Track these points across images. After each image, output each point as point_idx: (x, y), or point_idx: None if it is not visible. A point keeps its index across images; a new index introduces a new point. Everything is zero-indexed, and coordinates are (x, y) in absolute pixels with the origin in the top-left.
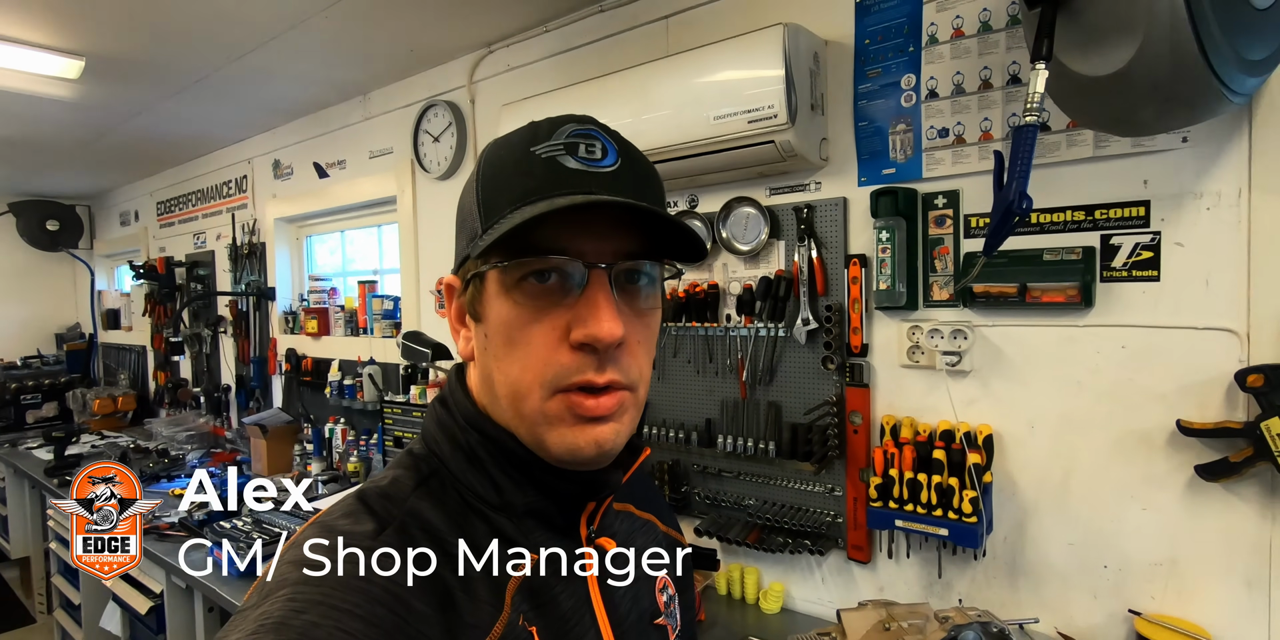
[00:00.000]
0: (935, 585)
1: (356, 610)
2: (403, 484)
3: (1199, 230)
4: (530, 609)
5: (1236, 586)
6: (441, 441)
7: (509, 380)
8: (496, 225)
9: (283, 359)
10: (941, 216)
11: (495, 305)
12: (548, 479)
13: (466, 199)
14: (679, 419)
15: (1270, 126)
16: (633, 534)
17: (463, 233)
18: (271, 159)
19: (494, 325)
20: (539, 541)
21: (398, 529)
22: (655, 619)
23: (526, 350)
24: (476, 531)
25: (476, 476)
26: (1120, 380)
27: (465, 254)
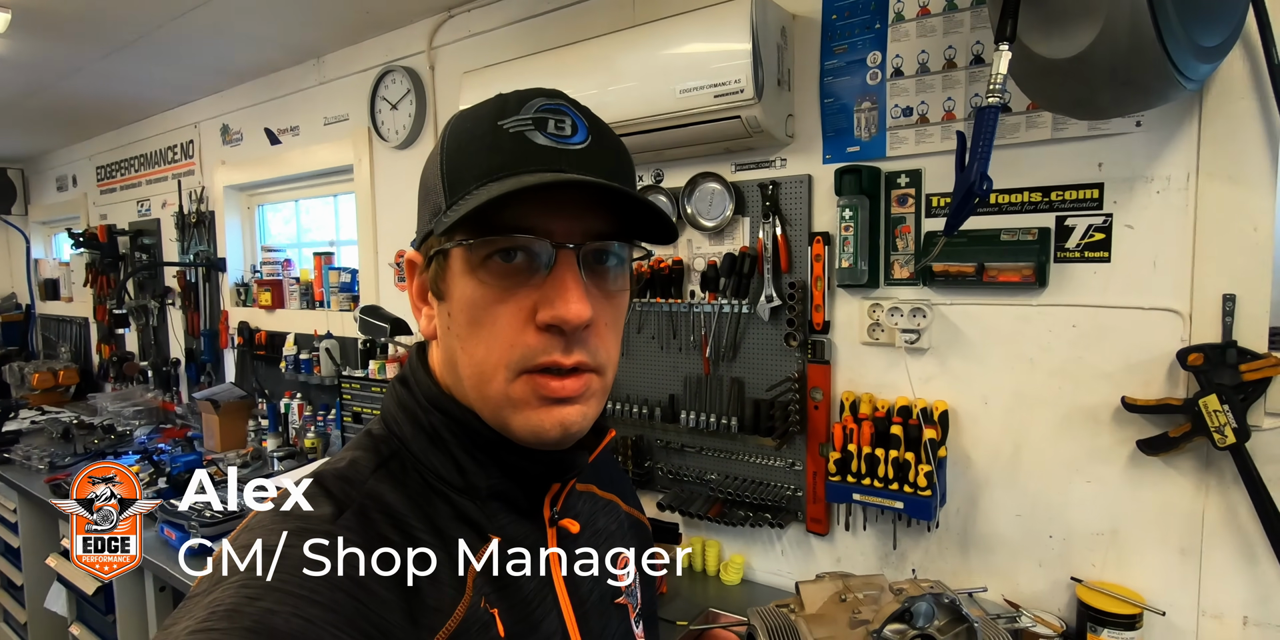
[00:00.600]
0: (890, 556)
1: (315, 596)
2: (361, 466)
3: (1149, 213)
4: (493, 591)
5: (1171, 554)
6: (402, 422)
7: (473, 361)
8: (462, 202)
9: (235, 332)
10: (904, 195)
11: (460, 284)
12: (513, 460)
13: (429, 172)
14: (642, 395)
15: (1218, 114)
16: (595, 514)
17: (425, 207)
18: (219, 123)
19: (458, 304)
20: (503, 523)
21: (357, 512)
22: (616, 598)
23: (492, 331)
24: (439, 514)
25: (439, 458)
26: (1070, 358)
27: (428, 230)
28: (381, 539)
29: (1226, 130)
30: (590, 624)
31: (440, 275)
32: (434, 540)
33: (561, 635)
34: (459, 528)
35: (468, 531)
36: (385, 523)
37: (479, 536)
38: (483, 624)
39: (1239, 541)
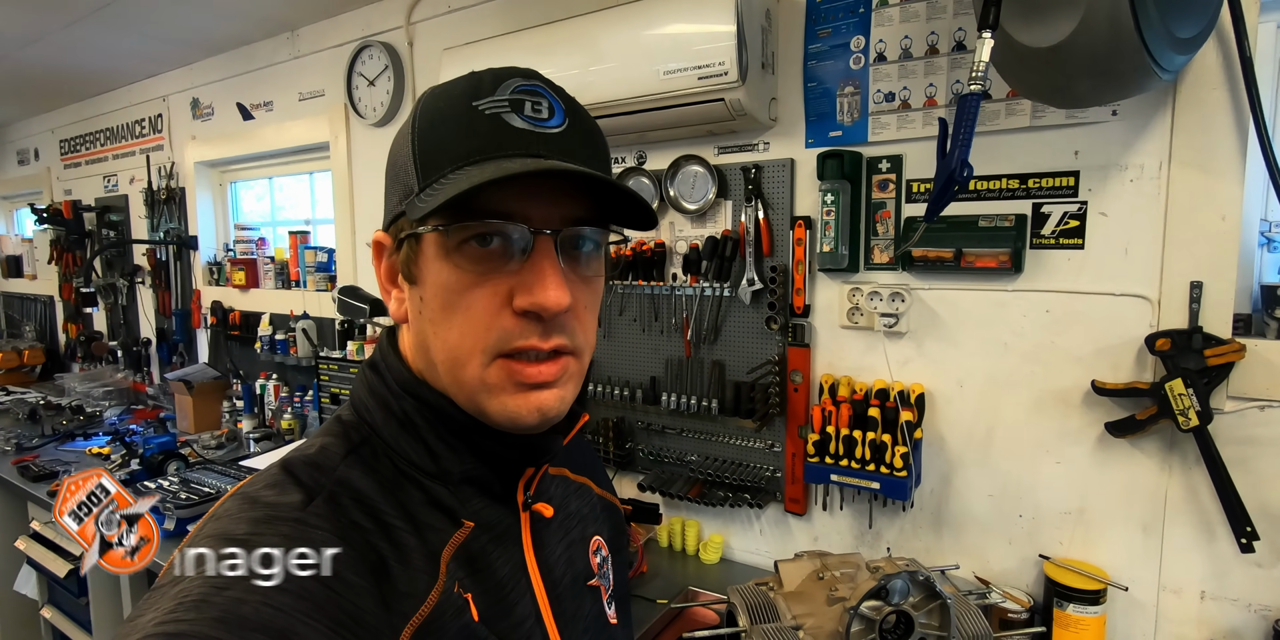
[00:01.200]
0: (866, 535)
1: (285, 584)
2: (332, 452)
3: (1122, 201)
4: (466, 576)
5: (1134, 532)
6: (373, 408)
7: (447, 346)
8: (436, 186)
9: (208, 312)
10: (885, 181)
11: (433, 268)
12: (487, 444)
13: (399, 151)
14: (624, 377)
15: (1191, 104)
16: (568, 498)
17: (394, 187)
18: (189, 97)
19: (431, 288)
20: (476, 508)
21: (327, 499)
22: (589, 581)
23: (466, 315)
24: (411, 499)
25: (411, 444)
26: (1043, 343)
27: (398, 212)
28: (353, 526)
29: (1198, 120)
30: (564, 606)
31: (412, 259)
32: (407, 526)
33: (535, 618)
34: (431, 513)
35: (440, 517)
36: (356, 509)
37: (452, 521)
38: (456, 608)
39: (1198, 520)
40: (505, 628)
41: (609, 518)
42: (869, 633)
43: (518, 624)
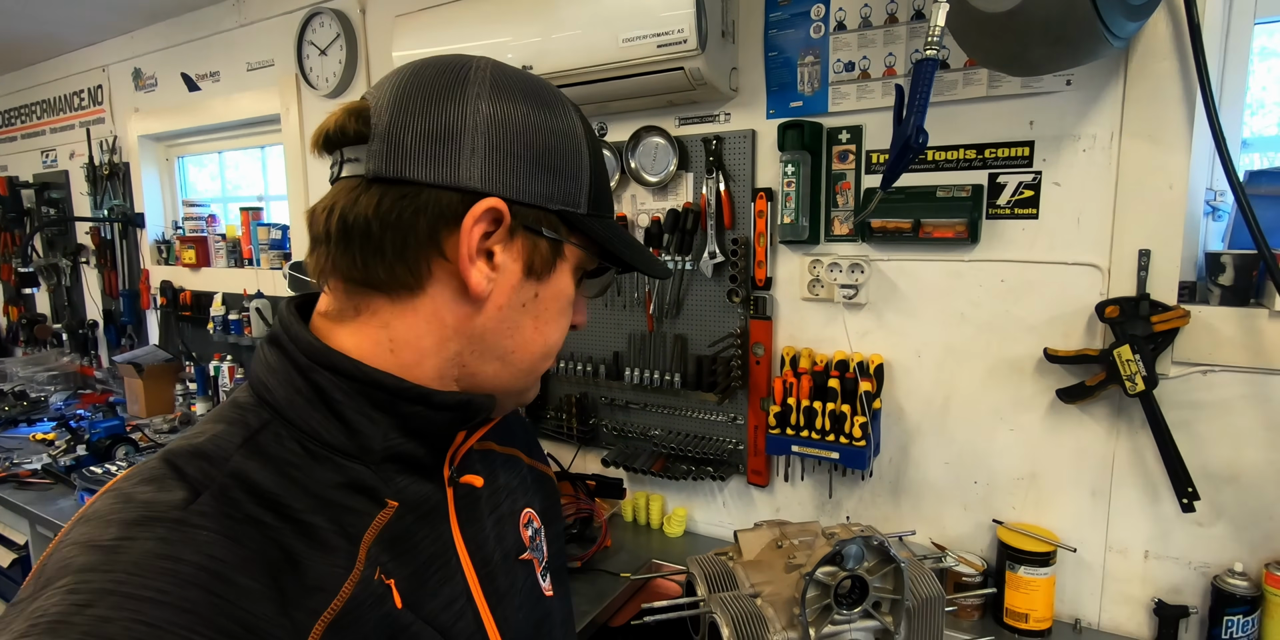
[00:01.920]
0: (827, 505)
1: (161, 597)
2: (225, 441)
3: (1075, 171)
4: (390, 559)
5: (1083, 496)
6: (275, 387)
7: (547, 341)
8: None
9: (157, 292)
10: (845, 152)
11: (563, 278)
12: (416, 410)
13: (564, 147)
14: (587, 352)
15: (1142, 75)
16: (495, 471)
17: (551, 177)
18: (131, 67)
19: (554, 291)
20: (400, 486)
21: (216, 495)
22: (520, 554)
23: (566, 321)
24: (323, 483)
25: (323, 421)
26: (998, 312)
27: (547, 205)
28: (249, 522)
29: (1149, 90)
30: (496, 583)
31: (547, 258)
32: (319, 514)
33: (466, 598)
34: (350, 496)
35: (361, 499)
36: (253, 503)
37: (374, 502)
38: (376, 597)
39: (1144, 482)
40: (433, 610)
41: (540, 488)
42: (824, 598)
43: (447, 605)
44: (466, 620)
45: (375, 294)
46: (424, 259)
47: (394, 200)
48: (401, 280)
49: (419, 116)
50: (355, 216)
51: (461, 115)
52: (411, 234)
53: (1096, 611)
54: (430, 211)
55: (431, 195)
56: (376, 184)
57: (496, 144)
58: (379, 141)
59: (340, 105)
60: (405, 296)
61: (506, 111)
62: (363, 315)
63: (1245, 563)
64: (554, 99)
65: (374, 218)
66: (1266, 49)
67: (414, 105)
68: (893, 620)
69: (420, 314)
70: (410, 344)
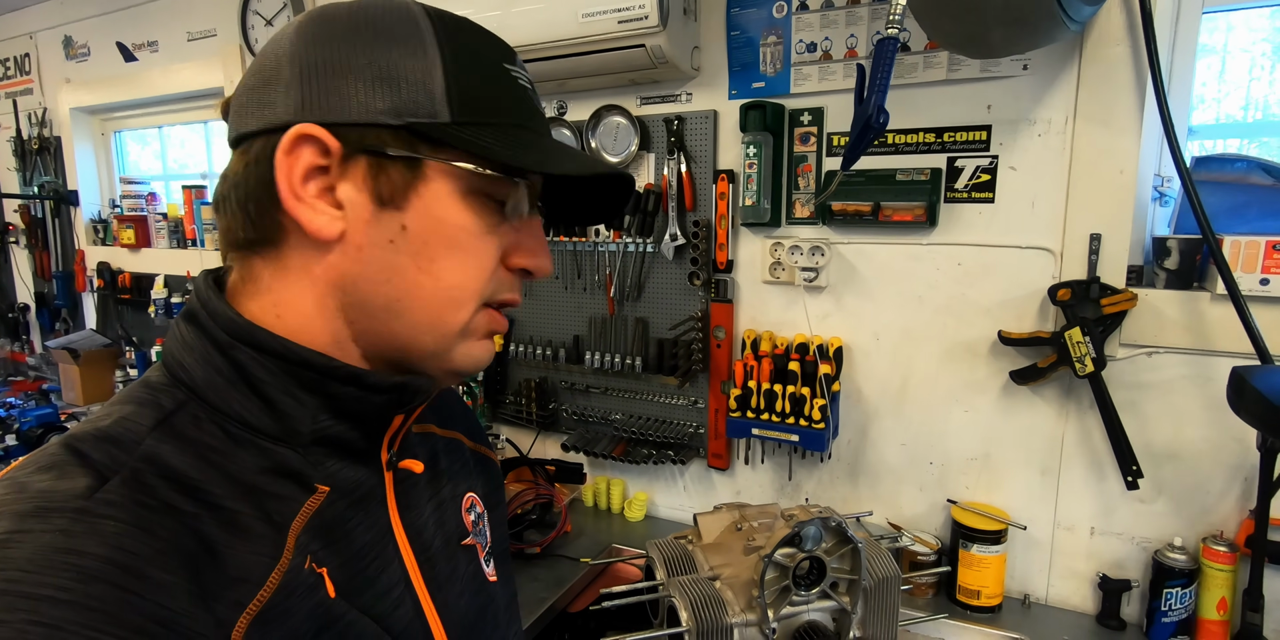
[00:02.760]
0: (786, 487)
1: (61, 595)
2: (134, 423)
3: (1030, 155)
4: (322, 547)
5: (1033, 475)
6: (192, 365)
7: (439, 283)
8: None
9: (94, 274)
10: (806, 134)
11: (446, 204)
12: (349, 391)
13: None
14: (546, 336)
15: (1096, 60)
16: (436, 455)
17: (377, 89)
18: (61, 34)
19: (430, 221)
20: (331, 470)
21: (127, 481)
22: (463, 540)
23: (477, 260)
24: (246, 469)
25: (245, 402)
26: (954, 295)
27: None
28: (163, 510)
29: (1102, 75)
30: (436, 569)
31: (399, 182)
32: (241, 500)
33: (404, 585)
34: (275, 481)
35: (287, 484)
36: (169, 489)
37: (303, 488)
38: (307, 587)
39: (1091, 461)
40: (369, 599)
41: (482, 472)
42: (783, 579)
43: (384, 593)
44: (405, 608)
45: (251, 256)
46: (266, 212)
47: (234, 160)
48: (260, 237)
49: (248, 73)
50: (219, 185)
51: (276, 52)
52: (248, 189)
53: (1045, 587)
54: (257, 161)
55: (255, 143)
56: (233, 151)
57: (306, 66)
58: (230, 111)
59: None
60: (272, 253)
61: (315, 29)
62: (249, 283)
63: (1184, 537)
64: (387, 6)
65: (225, 183)
66: (1205, 46)
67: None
68: (850, 600)
69: (290, 270)
70: (291, 305)
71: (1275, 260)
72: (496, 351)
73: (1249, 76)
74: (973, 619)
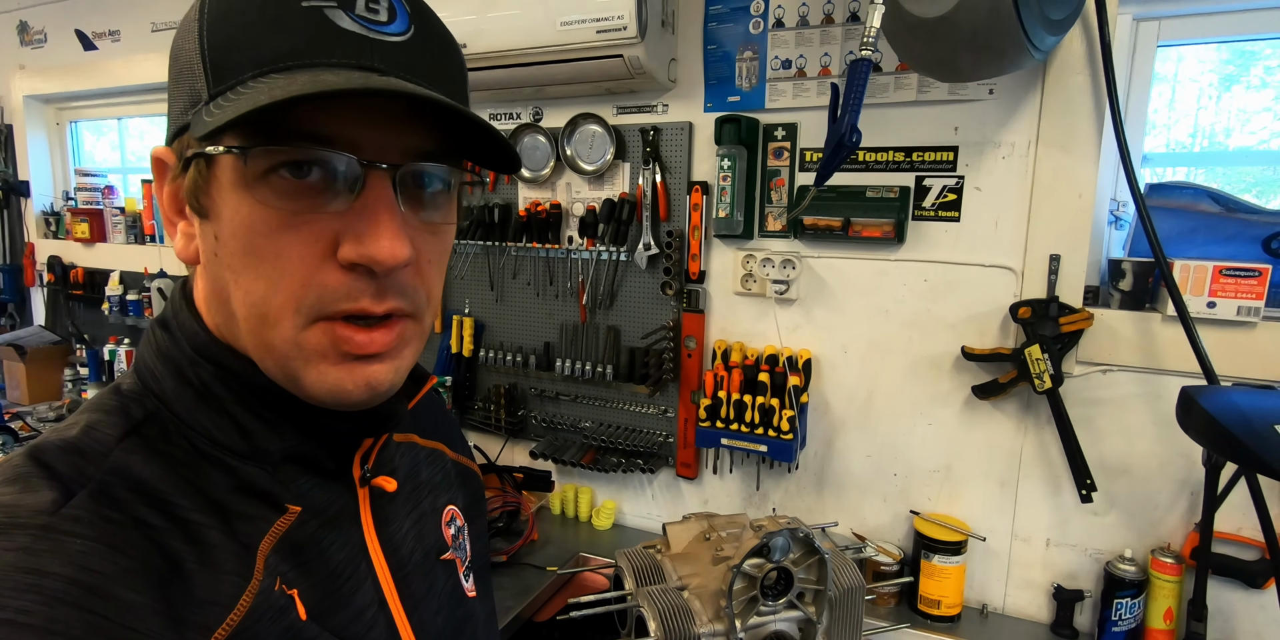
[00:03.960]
0: (754, 497)
1: (22, 618)
2: (102, 433)
3: (995, 177)
4: (292, 569)
5: (993, 487)
6: (163, 375)
7: (252, 300)
8: (232, 94)
9: (44, 268)
10: (780, 148)
11: (231, 201)
12: (312, 416)
13: (184, 45)
14: (517, 342)
15: (1058, 87)
16: (418, 467)
17: (178, 91)
18: (15, 19)
19: (230, 226)
20: (302, 490)
21: (94, 495)
22: (442, 554)
23: (277, 265)
24: (215, 486)
25: (213, 418)
26: (920, 310)
27: (182, 123)
28: (133, 525)
29: (1063, 102)
30: (412, 587)
31: (202, 185)
32: (210, 519)
33: (378, 605)
34: (244, 501)
35: (257, 504)
36: (138, 504)
37: (273, 508)
38: (277, 610)
39: (1047, 474)
40: (342, 621)
41: (464, 484)
42: (751, 590)
43: (357, 615)
44: (379, 630)
45: (191, 268)
46: (169, 226)
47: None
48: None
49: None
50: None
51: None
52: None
53: (1002, 597)
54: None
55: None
56: None
57: (170, 68)
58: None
59: None
60: (194, 268)
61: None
62: (196, 292)
63: (1134, 549)
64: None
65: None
66: (1157, 75)
67: None
68: (815, 610)
69: (201, 285)
70: (209, 315)
71: (1222, 284)
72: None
73: (1197, 105)
74: (933, 628)
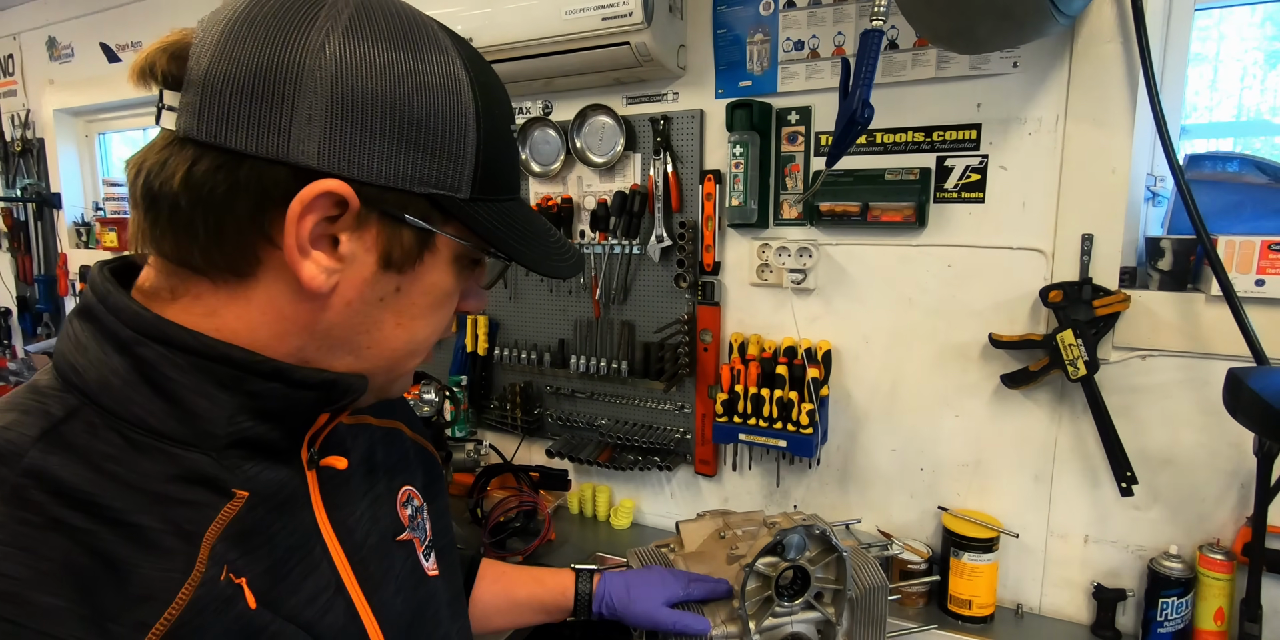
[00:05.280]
0: (774, 494)
1: None
2: (17, 433)
3: (1021, 155)
4: (240, 557)
5: (1026, 481)
6: (85, 367)
7: (413, 338)
8: (496, 206)
9: (76, 277)
10: (794, 133)
11: (439, 270)
12: (272, 388)
13: (439, 110)
14: (531, 340)
15: (1087, 57)
16: (373, 448)
17: (410, 148)
18: (45, 35)
19: (423, 285)
20: (250, 474)
21: (7, 499)
22: (398, 535)
23: (442, 316)
24: (151, 477)
25: (149, 404)
26: (945, 297)
27: (428, 191)
28: (52, 527)
29: (1093, 73)
30: (369, 569)
31: (409, 246)
32: (146, 512)
33: (335, 588)
34: (185, 489)
35: (200, 491)
36: (57, 505)
37: (219, 494)
38: (223, 600)
39: (1084, 466)
40: (295, 606)
41: (421, 462)
42: (765, 590)
43: (311, 599)
44: (336, 613)
45: (196, 276)
46: (247, 246)
47: (207, 170)
48: (221, 266)
49: (245, 63)
50: (162, 183)
51: (299, 66)
52: (228, 215)
53: (1038, 596)
54: (252, 190)
55: (254, 169)
56: (190, 145)
57: (343, 107)
58: (193, 92)
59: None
60: (233, 283)
61: (359, 63)
62: (182, 299)
63: (1180, 545)
64: (431, 45)
65: (182, 190)
66: (1197, 54)
67: (242, 47)
68: (835, 611)
69: (254, 304)
70: (241, 335)
71: (1271, 260)
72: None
73: (1241, 85)
74: (964, 630)
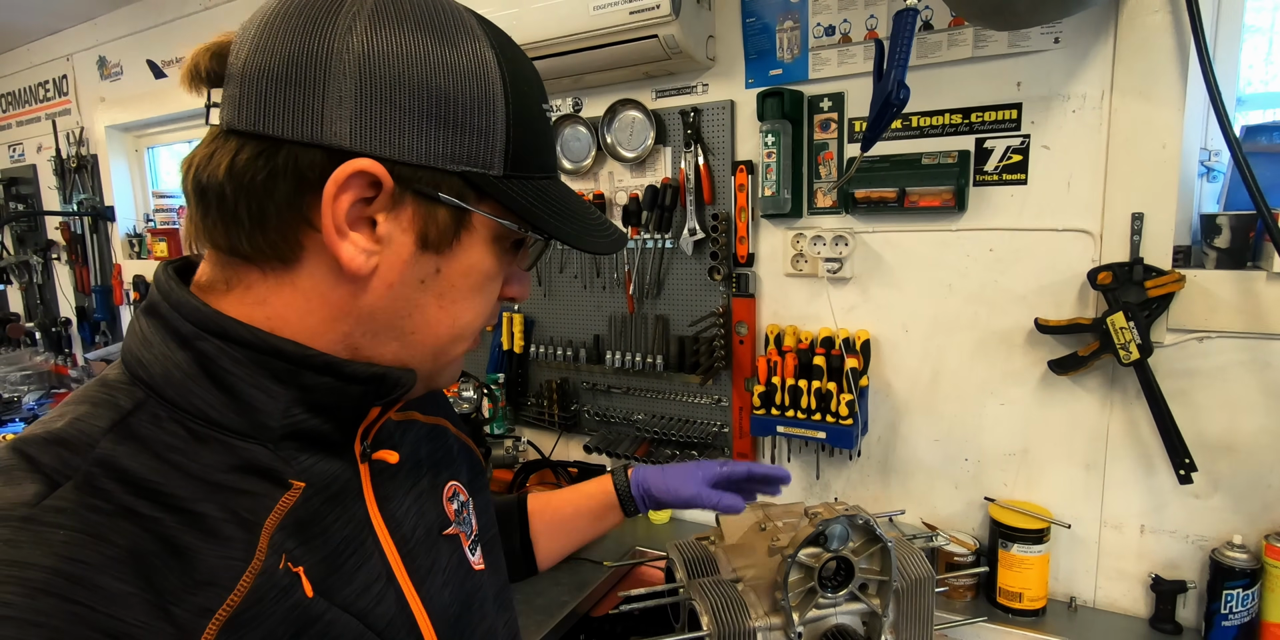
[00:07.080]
0: (815, 486)
1: (3, 611)
2: (89, 424)
3: (1064, 133)
4: (297, 546)
5: (1076, 470)
6: (150, 362)
7: (457, 323)
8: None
9: (130, 287)
10: (826, 120)
11: (478, 250)
12: (326, 382)
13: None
14: (566, 336)
15: (1133, 28)
16: (419, 444)
17: (439, 126)
18: (95, 55)
19: (463, 266)
20: (306, 465)
21: (80, 486)
22: (445, 529)
23: (487, 300)
24: (213, 467)
25: (209, 397)
26: (986, 282)
27: (461, 169)
28: (122, 514)
29: (1140, 45)
30: (418, 561)
31: (447, 226)
32: (209, 501)
33: (386, 579)
34: (245, 479)
35: (259, 481)
36: (127, 493)
37: (276, 484)
38: (281, 588)
39: (1139, 454)
40: (349, 596)
41: (465, 458)
42: (808, 581)
43: (364, 589)
44: (388, 603)
45: (247, 266)
46: (289, 230)
47: (249, 159)
48: (267, 253)
49: (277, 53)
50: (209, 176)
51: (327, 50)
52: (269, 201)
53: (1092, 589)
54: (290, 174)
55: (291, 153)
56: (234, 137)
57: (371, 88)
58: (233, 85)
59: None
60: (280, 270)
61: (385, 45)
62: (235, 290)
63: (1244, 534)
64: (457, 27)
65: (227, 179)
66: (1250, 26)
67: (275, 38)
68: (880, 602)
69: (299, 290)
70: (292, 323)
71: None
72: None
73: None
74: (1015, 622)
